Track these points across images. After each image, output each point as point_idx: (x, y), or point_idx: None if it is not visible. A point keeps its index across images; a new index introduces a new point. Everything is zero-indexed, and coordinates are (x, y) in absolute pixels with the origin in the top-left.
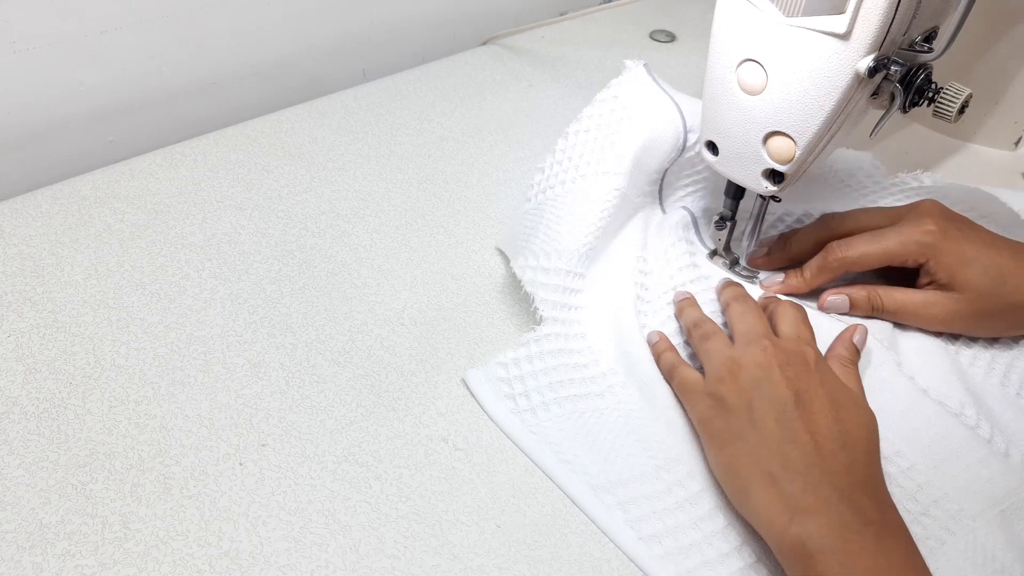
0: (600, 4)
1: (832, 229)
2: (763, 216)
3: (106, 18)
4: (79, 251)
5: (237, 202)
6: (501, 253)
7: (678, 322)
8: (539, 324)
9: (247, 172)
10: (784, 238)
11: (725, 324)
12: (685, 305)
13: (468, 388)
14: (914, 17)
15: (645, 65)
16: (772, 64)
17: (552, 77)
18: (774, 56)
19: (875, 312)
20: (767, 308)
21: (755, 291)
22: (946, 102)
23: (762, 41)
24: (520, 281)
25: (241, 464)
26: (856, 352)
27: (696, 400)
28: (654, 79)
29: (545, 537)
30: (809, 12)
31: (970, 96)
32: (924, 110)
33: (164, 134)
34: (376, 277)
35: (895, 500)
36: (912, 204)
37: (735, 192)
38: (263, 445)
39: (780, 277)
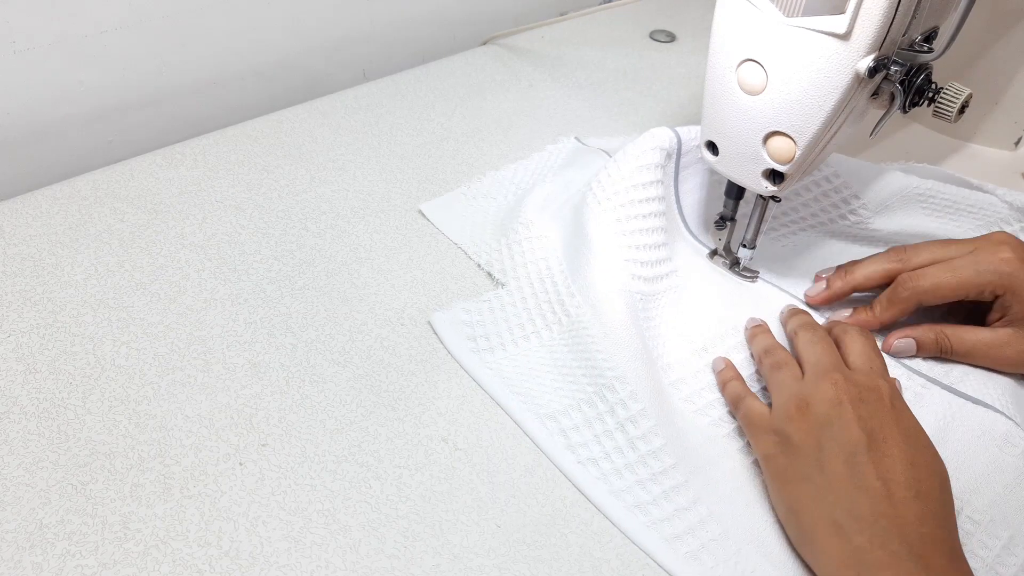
0: (600, 4)
1: (902, 261)
2: (763, 216)
3: (106, 18)
4: (79, 251)
5: (237, 202)
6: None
7: (749, 349)
8: (502, 287)
9: (247, 172)
10: (845, 268)
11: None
12: (757, 331)
13: (433, 329)
14: (914, 17)
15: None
16: (772, 64)
17: (552, 77)
18: (774, 56)
19: (943, 354)
20: (831, 333)
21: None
22: (946, 102)
23: (762, 41)
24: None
25: (241, 464)
26: None
27: (761, 436)
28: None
29: (545, 537)
30: (809, 12)
31: (970, 96)
32: (924, 110)
33: (164, 134)
34: (376, 277)
35: (967, 550)
36: (985, 235)
37: (735, 192)
38: (263, 445)
39: (846, 312)
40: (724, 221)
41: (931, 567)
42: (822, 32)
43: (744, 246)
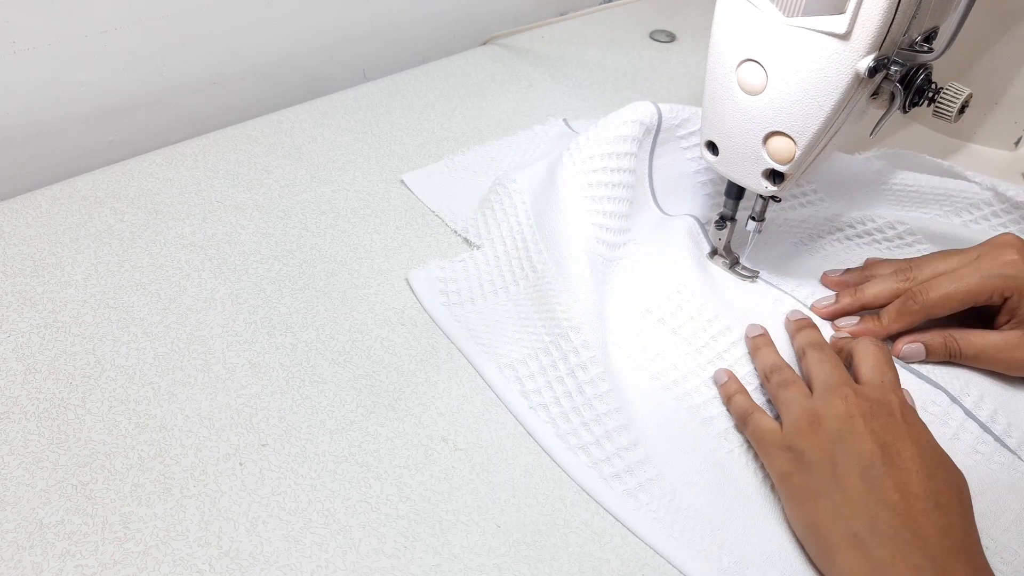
0: (600, 4)
1: (909, 281)
2: (760, 225)
3: (106, 18)
4: (79, 251)
5: (237, 202)
6: None
7: (753, 364)
8: (477, 249)
9: (247, 172)
10: (852, 281)
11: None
12: (760, 344)
13: (409, 285)
14: (914, 17)
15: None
16: (772, 64)
17: (552, 77)
18: (774, 56)
19: (952, 358)
20: (843, 349)
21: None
22: (946, 102)
23: (762, 41)
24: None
25: (241, 464)
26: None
27: (774, 453)
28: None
29: (545, 537)
30: (809, 12)
31: (970, 96)
32: (924, 110)
33: (164, 134)
34: (376, 277)
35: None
36: (990, 240)
37: (735, 192)
38: (263, 445)
39: (854, 320)
40: (724, 221)
41: None
42: (822, 32)
43: (752, 218)
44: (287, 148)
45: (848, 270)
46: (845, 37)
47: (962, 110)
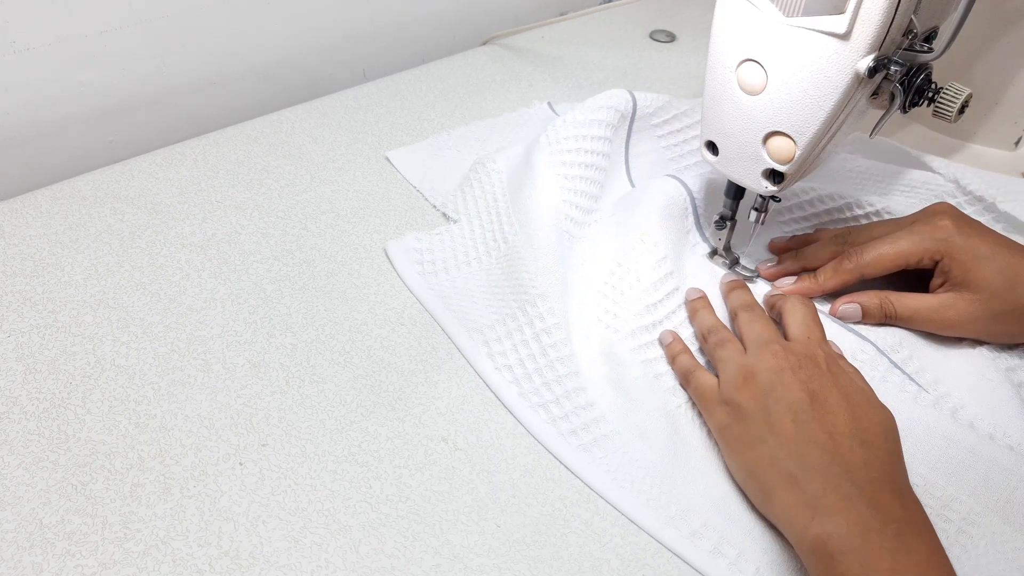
0: (600, 4)
1: (848, 242)
2: (763, 216)
3: (106, 18)
4: (79, 251)
5: (237, 202)
6: None
7: (692, 326)
8: (454, 223)
9: (247, 172)
10: (796, 246)
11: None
12: (699, 306)
13: (387, 255)
14: (914, 17)
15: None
16: (772, 64)
17: (552, 77)
18: (774, 56)
19: (888, 319)
20: (775, 306)
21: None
22: (946, 102)
23: (762, 41)
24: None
25: (241, 464)
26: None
27: (713, 408)
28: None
29: (545, 537)
30: (809, 12)
31: (970, 96)
32: (924, 110)
33: (164, 134)
34: (376, 277)
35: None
36: (925, 208)
37: (735, 192)
38: (263, 445)
39: (791, 280)
40: (724, 221)
41: (881, 506)
42: (822, 32)
43: (756, 209)
44: (287, 148)
45: (794, 236)
46: (845, 37)
47: (962, 110)
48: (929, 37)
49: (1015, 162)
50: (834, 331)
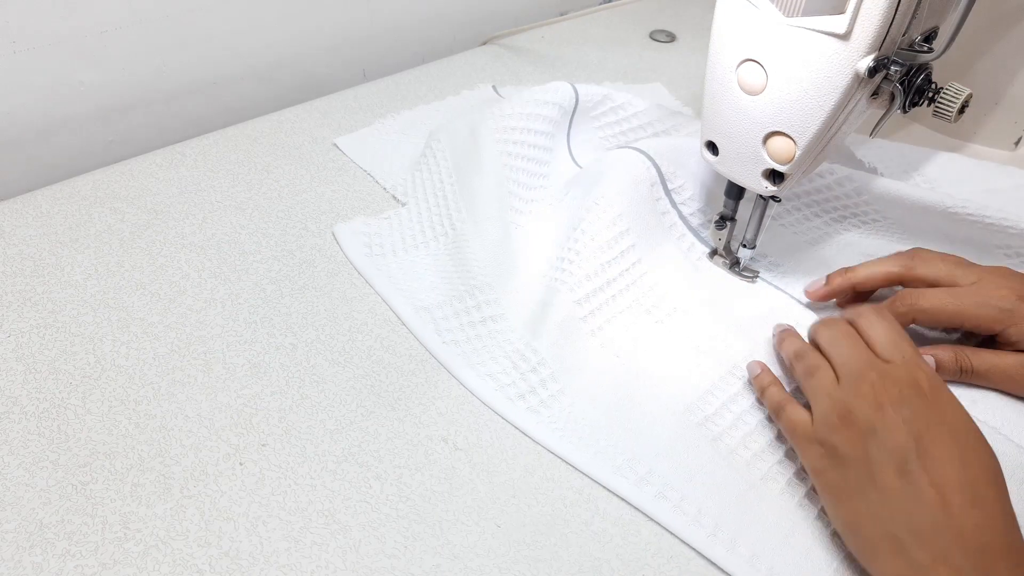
0: (600, 4)
1: (908, 268)
2: (763, 216)
3: (106, 18)
4: (79, 251)
5: (237, 202)
6: None
7: (777, 355)
8: (403, 206)
9: (247, 172)
10: (847, 270)
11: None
12: (785, 336)
13: (335, 237)
14: (914, 17)
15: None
16: (772, 64)
17: (552, 77)
18: (774, 56)
19: (963, 375)
20: (844, 317)
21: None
22: (946, 102)
23: (762, 41)
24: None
25: (241, 464)
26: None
27: (806, 447)
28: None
29: (545, 537)
30: (809, 12)
31: (970, 96)
32: (924, 110)
33: (164, 134)
34: None
35: None
36: (993, 267)
37: (735, 192)
38: (263, 445)
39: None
40: (724, 221)
41: None
42: (822, 32)
43: (744, 246)
44: (287, 148)
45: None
46: (845, 37)
47: (962, 110)
48: (929, 37)
49: (1015, 162)
50: None
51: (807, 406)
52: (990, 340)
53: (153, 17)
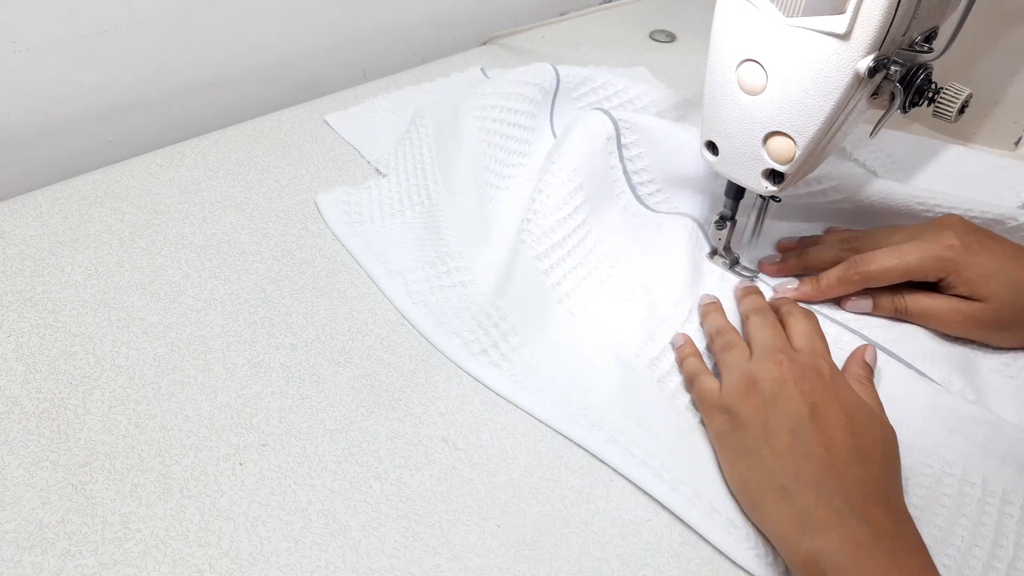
0: (600, 4)
1: (853, 248)
2: (763, 216)
3: (106, 18)
4: (79, 251)
5: (237, 202)
6: None
7: (702, 328)
8: (383, 177)
9: (247, 172)
10: (801, 248)
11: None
12: (710, 310)
13: (317, 206)
14: (914, 17)
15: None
16: (772, 64)
17: None
18: (774, 56)
19: (898, 314)
20: (778, 311)
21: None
22: (946, 102)
23: (762, 41)
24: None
25: (241, 464)
26: (870, 370)
27: (713, 414)
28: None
29: (545, 537)
30: (809, 12)
31: (970, 96)
32: (924, 110)
33: (164, 134)
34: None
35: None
36: (934, 219)
37: (735, 192)
38: (263, 445)
39: (794, 283)
40: (724, 221)
41: (873, 523)
42: (822, 32)
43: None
44: (287, 148)
45: (802, 238)
46: (845, 37)
47: (962, 110)
48: (929, 37)
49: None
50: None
51: (719, 377)
52: (934, 286)
53: (153, 17)
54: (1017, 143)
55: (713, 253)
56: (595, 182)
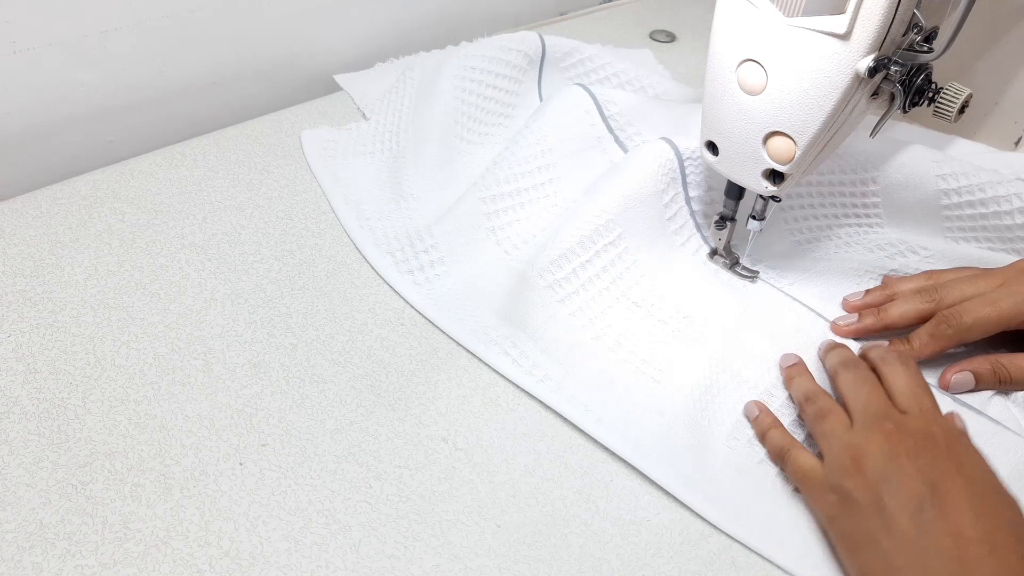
0: (600, 4)
1: (936, 303)
2: (764, 215)
3: (106, 18)
4: (79, 251)
5: (237, 202)
6: None
7: (787, 392)
8: (366, 120)
9: (247, 172)
10: (874, 303)
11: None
12: (795, 373)
13: (301, 142)
14: (914, 17)
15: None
16: (772, 64)
17: None
18: (774, 56)
19: (1002, 384)
20: (870, 358)
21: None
22: (946, 102)
23: (762, 41)
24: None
25: (241, 464)
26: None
27: (820, 495)
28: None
29: (545, 537)
30: (809, 12)
31: (970, 96)
32: (924, 110)
33: (164, 134)
34: (376, 277)
35: None
36: (1011, 264)
37: (735, 192)
38: (263, 445)
39: (883, 344)
40: (724, 221)
41: None
42: (822, 32)
43: (753, 218)
44: (287, 148)
45: (868, 291)
46: (845, 37)
47: (962, 110)
48: (929, 37)
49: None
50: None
51: (817, 455)
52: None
53: (153, 17)
54: (1017, 143)
55: (713, 253)
56: (570, 149)
